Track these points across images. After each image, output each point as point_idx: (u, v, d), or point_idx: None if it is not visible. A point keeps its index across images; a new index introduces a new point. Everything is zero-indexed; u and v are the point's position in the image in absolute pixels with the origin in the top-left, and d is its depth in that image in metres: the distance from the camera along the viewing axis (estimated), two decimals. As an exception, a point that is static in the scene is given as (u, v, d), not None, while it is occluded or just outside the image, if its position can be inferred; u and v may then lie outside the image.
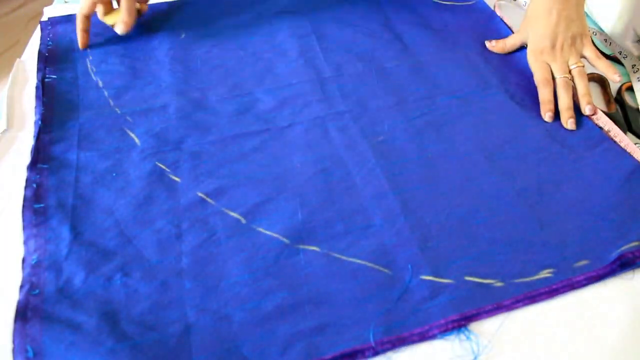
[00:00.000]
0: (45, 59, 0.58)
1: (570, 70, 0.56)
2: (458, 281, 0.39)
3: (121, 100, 0.54)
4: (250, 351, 0.36)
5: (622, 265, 0.40)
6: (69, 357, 0.35)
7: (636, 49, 0.61)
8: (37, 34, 0.63)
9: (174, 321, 0.37)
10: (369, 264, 0.41)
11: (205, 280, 0.40)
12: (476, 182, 0.47)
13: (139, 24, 0.64)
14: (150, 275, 0.40)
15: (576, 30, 0.56)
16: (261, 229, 0.43)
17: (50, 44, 0.61)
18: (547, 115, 0.53)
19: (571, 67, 0.56)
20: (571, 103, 0.53)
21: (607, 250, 0.41)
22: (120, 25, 0.60)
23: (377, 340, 0.36)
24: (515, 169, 0.48)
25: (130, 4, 0.59)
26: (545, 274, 0.40)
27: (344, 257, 0.41)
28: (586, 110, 0.53)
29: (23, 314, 0.37)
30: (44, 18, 0.65)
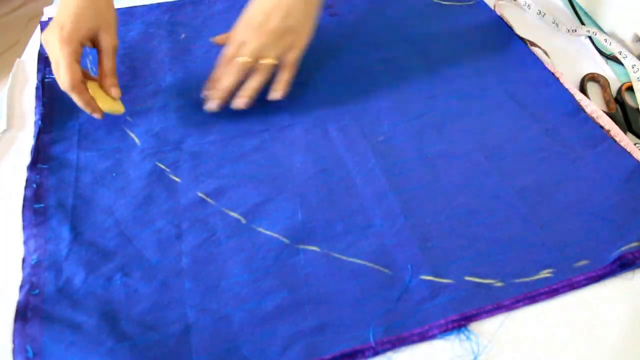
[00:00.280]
0: (45, 59, 0.58)
1: None
2: (458, 281, 0.39)
3: (121, 99, 0.54)
4: (250, 351, 0.36)
5: (622, 265, 0.40)
6: (69, 357, 0.35)
7: (636, 49, 0.61)
8: (37, 34, 0.63)
9: (173, 321, 0.37)
10: (369, 264, 0.41)
11: (205, 280, 0.40)
12: (476, 182, 0.47)
13: (139, 24, 0.64)
14: (150, 275, 0.40)
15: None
16: (261, 229, 0.43)
17: (50, 44, 0.61)
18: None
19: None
20: None
21: (607, 251, 0.41)
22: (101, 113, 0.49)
23: (377, 340, 0.36)
24: (515, 168, 0.48)
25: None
26: (545, 274, 0.40)
27: (344, 257, 0.41)
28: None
29: (23, 314, 0.37)
30: (44, 18, 0.65)
